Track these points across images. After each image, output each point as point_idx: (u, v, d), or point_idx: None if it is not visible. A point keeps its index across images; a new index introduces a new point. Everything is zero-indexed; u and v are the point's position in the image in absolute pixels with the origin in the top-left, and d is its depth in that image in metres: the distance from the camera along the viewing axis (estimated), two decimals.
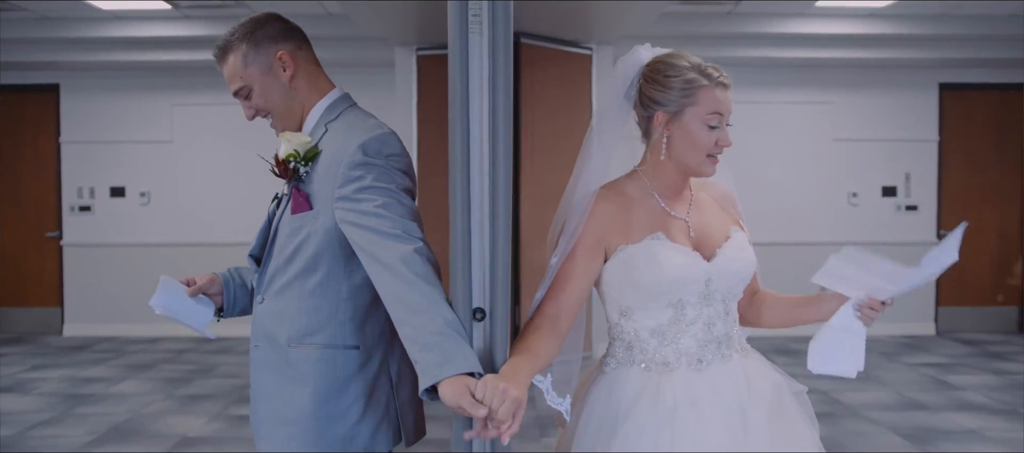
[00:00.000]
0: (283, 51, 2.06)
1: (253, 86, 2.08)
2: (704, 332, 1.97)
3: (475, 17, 1.65)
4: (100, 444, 5.12)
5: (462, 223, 1.72)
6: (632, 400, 1.93)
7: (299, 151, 2.02)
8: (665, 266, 1.93)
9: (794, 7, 7.70)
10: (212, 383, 6.73)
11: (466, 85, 1.69)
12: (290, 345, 2.01)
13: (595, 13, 6.37)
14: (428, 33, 6.87)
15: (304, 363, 2.00)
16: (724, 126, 1.96)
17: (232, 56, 2.08)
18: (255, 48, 2.06)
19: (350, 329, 2.00)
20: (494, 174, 1.71)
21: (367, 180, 1.90)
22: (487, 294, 1.73)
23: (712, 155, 1.97)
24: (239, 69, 2.07)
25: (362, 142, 1.93)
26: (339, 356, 2.00)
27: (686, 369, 1.96)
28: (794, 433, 1.97)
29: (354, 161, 1.92)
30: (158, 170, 8.86)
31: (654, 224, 1.98)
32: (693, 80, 1.93)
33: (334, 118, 2.07)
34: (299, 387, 2.00)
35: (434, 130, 7.10)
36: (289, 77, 2.07)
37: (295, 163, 2.01)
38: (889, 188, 8.86)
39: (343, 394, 2.00)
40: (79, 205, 8.90)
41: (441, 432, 5.30)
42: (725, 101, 1.95)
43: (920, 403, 6.05)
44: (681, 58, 1.97)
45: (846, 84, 8.78)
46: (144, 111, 8.84)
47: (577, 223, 1.96)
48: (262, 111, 2.11)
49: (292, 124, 2.10)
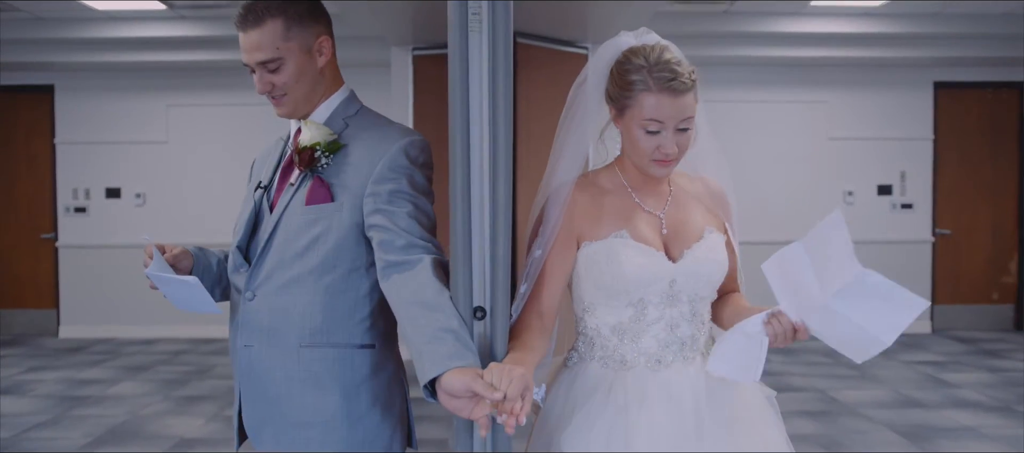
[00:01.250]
0: (325, 36, 2.00)
1: (287, 61, 1.94)
2: (666, 333, 1.94)
3: (475, 16, 1.65)
4: (97, 446, 5.11)
5: (462, 222, 1.72)
6: (586, 395, 1.92)
7: (322, 141, 1.95)
8: (625, 265, 1.89)
9: (789, 6, 7.71)
10: (209, 384, 6.72)
11: (466, 84, 1.69)
12: (302, 345, 1.95)
13: (590, 13, 6.38)
14: (424, 33, 6.87)
15: (320, 363, 1.95)
16: (671, 132, 1.85)
17: (271, 23, 1.92)
18: (299, 22, 1.94)
19: (365, 328, 1.97)
20: (494, 174, 1.71)
21: (402, 183, 1.90)
22: (487, 292, 1.73)
23: (656, 159, 1.89)
24: (277, 39, 1.92)
25: (404, 144, 1.93)
26: (357, 356, 1.96)
27: (643, 368, 1.93)
28: (757, 436, 1.94)
29: (396, 163, 1.91)
30: (153, 171, 8.84)
31: (622, 219, 1.94)
32: (633, 83, 1.86)
33: (353, 114, 2.05)
34: (315, 388, 1.95)
35: (430, 130, 7.08)
36: (323, 63, 2.01)
37: (320, 152, 1.94)
38: (884, 186, 8.88)
39: (362, 395, 1.97)
40: (74, 206, 8.88)
41: (440, 432, 5.30)
42: (671, 108, 1.84)
43: (917, 401, 6.07)
44: (641, 56, 1.87)
45: (841, 83, 8.79)
46: (139, 112, 8.82)
47: (557, 214, 1.93)
48: (280, 89, 1.97)
49: (303, 111, 2.02)
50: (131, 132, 8.83)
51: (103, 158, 8.85)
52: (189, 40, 8.02)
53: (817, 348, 7.96)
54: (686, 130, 1.89)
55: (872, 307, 1.66)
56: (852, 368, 7.14)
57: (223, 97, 8.72)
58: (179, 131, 8.84)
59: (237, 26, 1.95)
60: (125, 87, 8.78)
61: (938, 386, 6.52)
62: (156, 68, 8.58)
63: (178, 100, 8.80)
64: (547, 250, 1.93)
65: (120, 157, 8.84)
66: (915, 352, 7.82)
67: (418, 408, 2.14)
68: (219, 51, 8.11)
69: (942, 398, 6.14)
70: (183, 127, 8.83)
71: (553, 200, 1.95)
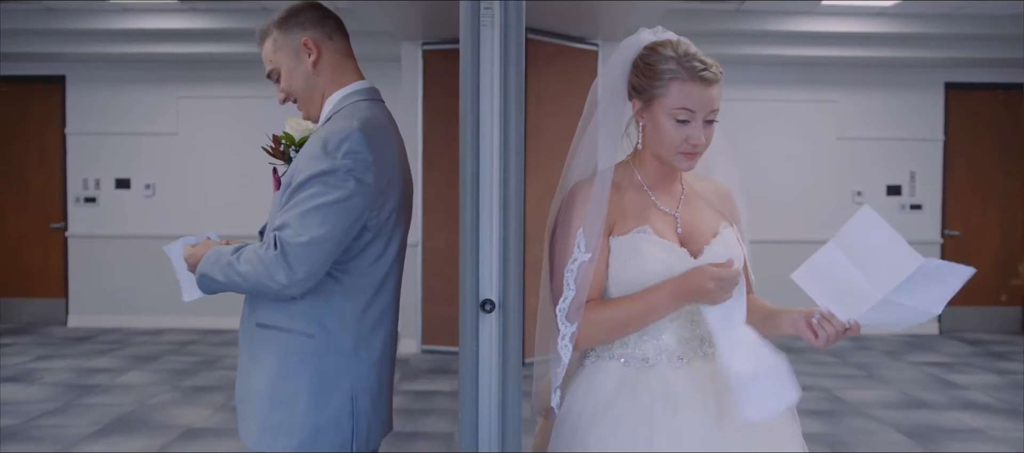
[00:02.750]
0: (309, 38, 2.14)
1: (281, 69, 2.16)
2: (686, 329, 1.94)
3: (487, 12, 1.66)
4: (104, 434, 5.14)
5: (471, 217, 1.73)
6: (610, 396, 1.91)
7: (293, 135, 2.16)
8: (648, 260, 1.89)
9: (800, 5, 7.69)
10: (216, 374, 6.75)
11: (477, 79, 1.70)
12: (256, 324, 2.11)
13: (601, 9, 6.38)
14: (434, 28, 6.87)
15: (262, 343, 2.10)
16: (699, 123, 1.87)
17: (267, 40, 2.17)
18: (285, 33, 2.15)
19: (291, 313, 2.07)
20: (505, 168, 1.71)
21: (302, 174, 2.02)
22: (498, 285, 1.73)
23: (684, 151, 1.90)
24: (269, 52, 2.17)
25: (324, 135, 2.01)
26: (283, 338, 2.08)
27: (665, 366, 1.92)
28: (775, 430, 1.94)
29: (308, 152, 2.03)
30: (163, 162, 8.88)
31: (641, 216, 1.93)
32: (667, 70, 1.86)
33: (340, 110, 2.09)
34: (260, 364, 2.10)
35: (439, 125, 7.11)
36: (313, 63, 2.13)
37: (284, 145, 2.16)
38: (894, 187, 8.86)
39: (284, 376, 2.10)
40: (84, 196, 8.92)
41: (442, 426, 5.32)
42: (701, 97, 1.85)
43: (923, 402, 6.06)
44: (669, 47, 1.89)
45: (851, 83, 8.77)
46: (150, 103, 8.85)
47: (597, 209, 1.90)
48: (290, 95, 2.18)
49: (315, 110, 2.18)
50: (141, 123, 8.86)
51: (113, 149, 8.88)
52: (200, 33, 8.06)
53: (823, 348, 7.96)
54: (712, 122, 1.90)
55: (926, 286, 1.70)
56: (858, 368, 7.13)
57: (233, 90, 8.75)
58: (189, 123, 8.87)
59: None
60: (136, 79, 8.81)
61: (945, 387, 6.50)
62: (167, 60, 8.61)
63: (188, 92, 8.83)
64: (597, 250, 1.90)
65: (130, 148, 8.88)
66: (922, 353, 7.81)
67: (424, 402, 2.16)
68: (230, 44, 8.13)
69: (949, 399, 6.13)
70: (193, 119, 8.86)
71: (595, 195, 1.91)
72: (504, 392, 1.73)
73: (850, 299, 1.77)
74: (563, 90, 7.01)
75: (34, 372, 6.81)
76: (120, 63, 8.72)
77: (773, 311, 1.98)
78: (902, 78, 8.77)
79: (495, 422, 1.74)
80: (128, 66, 8.75)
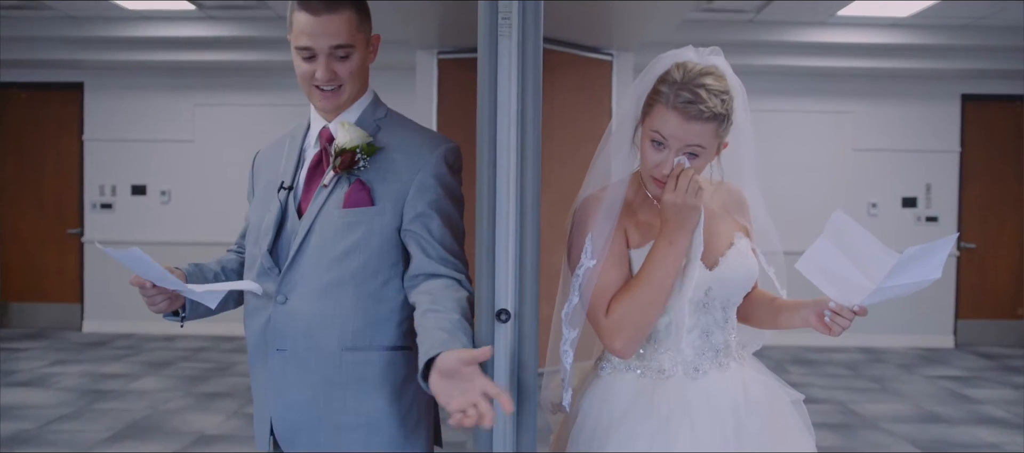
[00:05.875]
0: (377, 34, 2.05)
1: (356, 51, 1.96)
2: (701, 340, 1.94)
3: (505, 19, 1.65)
4: (118, 440, 5.16)
5: (488, 225, 1.72)
6: (626, 407, 1.91)
7: (361, 144, 1.95)
8: None
9: (816, 16, 7.67)
10: (230, 381, 6.77)
11: (495, 87, 1.69)
12: (344, 348, 1.94)
13: (616, 19, 6.37)
14: (450, 36, 6.88)
15: (367, 366, 1.95)
16: (672, 153, 1.82)
17: (346, 11, 1.93)
18: (364, 20, 1.98)
19: (404, 331, 1.98)
20: (522, 176, 1.71)
21: (441, 192, 1.95)
22: (514, 295, 1.73)
23: (654, 176, 1.86)
24: (352, 27, 1.94)
25: (443, 152, 1.97)
26: (400, 357, 1.98)
27: (682, 377, 1.92)
28: (789, 442, 1.94)
29: (437, 170, 1.95)
30: (179, 169, 8.93)
31: (654, 229, 1.92)
32: (659, 92, 1.84)
33: (382, 117, 2.05)
34: (359, 390, 1.95)
35: (454, 133, 7.06)
36: (371, 59, 2.04)
37: (360, 155, 1.95)
38: (909, 199, 8.81)
39: (405, 395, 1.98)
40: (101, 202, 8.97)
41: (457, 435, 5.31)
42: (677, 128, 1.80)
43: (938, 416, 6.01)
44: (679, 71, 1.84)
45: (867, 94, 8.74)
46: (166, 110, 8.91)
47: (606, 217, 1.91)
48: (340, 79, 1.96)
49: (345, 107, 2.02)
50: (158, 130, 8.92)
51: (130, 156, 8.94)
52: (217, 40, 8.10)
53: (838, 360, 7.91)
54: (696, 156, 1.84)
55: (915, 265, 1.75)
56: (873, 381, 7.08)
57: (249, 97, 8.79)
58: (205, 130, 8.92)
59: (302, 7, 1.92)
60: (153, 86, 8.87)
61: (960, 402, 6.45)
62: (184, 68, 8.66)
63: (205, 100, 8.89)
64: (601, 259, 1.90)
65: (147, 155, 8.93)
66: (937, 367, 7.75)
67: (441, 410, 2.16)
68: (246, 52, 8.17)
69: (964, 414, 6.08)
70: (209, 126, 8.91)
71: (607, 204, 1.92)
72: (519, 402, 1.72)
73: (849, 287, 1.81)
74: (576, 99, 7.01)
75: (49, 377, 6.85)
76: (137, 70, 8.77)
77: (784, 305, 2.00)
78: (918, 89, 8.73)
79: (510, 433, 1.73)
80: (145, 73, 8.81)
